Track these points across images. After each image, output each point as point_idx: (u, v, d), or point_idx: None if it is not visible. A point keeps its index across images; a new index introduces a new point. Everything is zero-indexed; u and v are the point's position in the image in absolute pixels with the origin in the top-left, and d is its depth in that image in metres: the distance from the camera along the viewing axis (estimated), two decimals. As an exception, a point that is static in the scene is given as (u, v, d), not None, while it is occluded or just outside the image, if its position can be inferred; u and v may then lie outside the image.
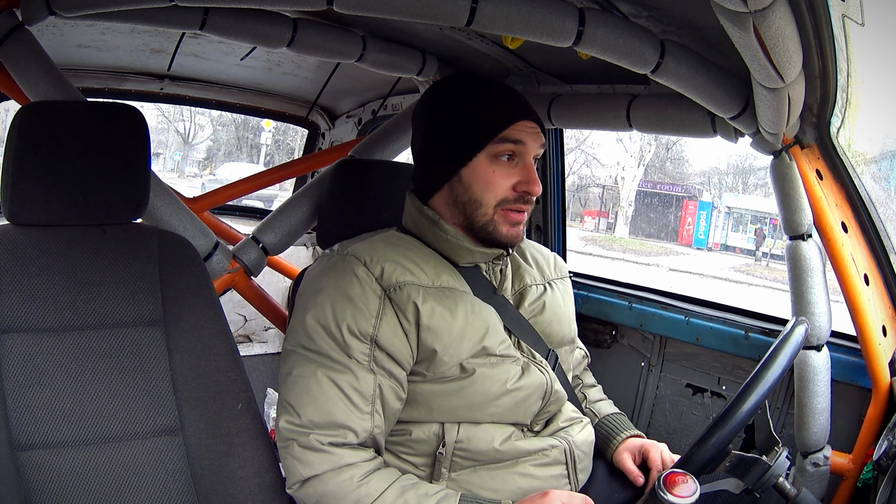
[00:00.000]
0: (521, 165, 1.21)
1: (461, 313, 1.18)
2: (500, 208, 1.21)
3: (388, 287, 1.16)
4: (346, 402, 1.11)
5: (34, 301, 1.19)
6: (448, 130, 1.23)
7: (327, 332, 1.13)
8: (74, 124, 1.25)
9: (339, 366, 1.12)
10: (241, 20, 1.55)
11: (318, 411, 1.10)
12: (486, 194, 1.20)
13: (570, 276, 1.49)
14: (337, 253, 1.23)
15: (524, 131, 1.20)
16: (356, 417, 1.11)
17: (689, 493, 0.92)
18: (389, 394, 1.14)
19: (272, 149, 23.16)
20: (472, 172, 1.20)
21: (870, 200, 1.45)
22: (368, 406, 1.12)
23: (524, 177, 1.20)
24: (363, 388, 1.12)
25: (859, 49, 1.15)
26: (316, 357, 1.13)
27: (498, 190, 1.20)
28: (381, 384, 1.13)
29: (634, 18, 1.29)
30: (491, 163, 1.20)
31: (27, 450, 1.13)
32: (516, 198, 1.21)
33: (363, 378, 1.12)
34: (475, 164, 1.20)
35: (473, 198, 1.21)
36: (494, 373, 1.19)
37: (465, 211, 1.22)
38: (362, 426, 1.11)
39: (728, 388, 1.82)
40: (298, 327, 1.16)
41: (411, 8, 1.12)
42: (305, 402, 1.11)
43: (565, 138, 2.23)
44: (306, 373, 1.13)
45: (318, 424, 1.10)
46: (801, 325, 1.15)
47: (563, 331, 1.36)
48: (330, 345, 1.13)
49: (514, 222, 1.22)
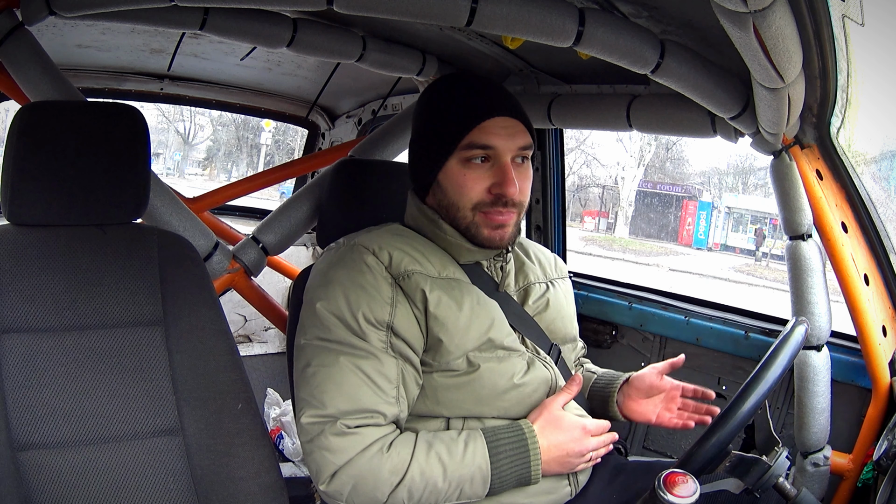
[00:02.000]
0: (497, 167, 1.18)
1: (467, 304, 1.18)
2: (479, 211, 1.19)
3: (398, 275, 1.16)
4: (373, 387, 1.09)
5: (34, 301, 1.19)
6: (427, 134, 1.24)
7: (343, 322, 1.12)
8: (74, 124, 1.25)
9: (361, 352, 1.11)
10: (241, 20, 1.55)
11: (345, 398, 1.08)
12: (461, 198, 1.19)
13: (570, 277, 1.50)
14: (344, 244, 1.22)
15: (493, 132, 1.17)
16: (383, 401, 1.10)
17: (688, 494, 0.92)
18: (410, 379, 1.14)
19: (272, 149, 23.15)
20: (446, 177, 1.20)
21: (870, 200, 1.45)
22: (394, 391, 1.11)
23: (499, 178, 1.17)
24: (388, 373, 1.11)
25: (859, 49, 1.15)
26: (336, 346, 1.11)
27: (471, 193, 1.18)
28: (404, 369, 1.13)
29: (634, 18, 1.29)
30: (463, 166, 1.18)
31: (27, 450, 1.13)
32: (493, 200, 1.18)
33: (387, 362, 1.11)
34: (447, 169, 1.19)
35: (451, 201, 1.21)
36: (501, 367, 1.19)
37: (448, 214, 1.22)
38: (390, 410, 1.10)
39: (728, 388, 1.82)
40: (312, 320, 1.15)
41: (411, 8, 1.12)
42: (330, 391, 1.08)
43: (565, 138, 2.23)
44: (327, 362, 1.10)
45: (346, 412, 1.07)
46: (801, 326, 1.15)
47: (565, 328, 1.36)
48: (347, 333, 1.11)
49: (496, 225, 1.20)
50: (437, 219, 1.24)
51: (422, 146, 1.25)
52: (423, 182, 1.25)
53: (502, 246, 1.24)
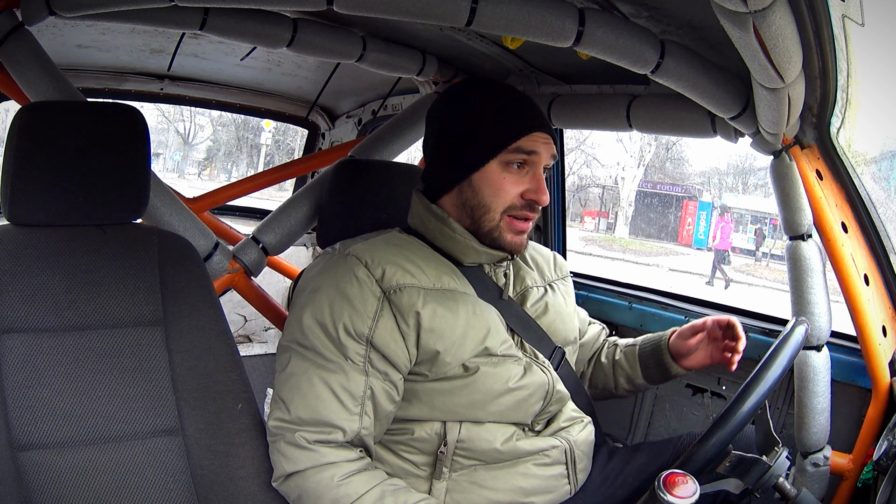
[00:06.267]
0: (532, 175, 1.22)
1: (463, 314, 1.19)
2: (507, 215, 1.22)
3: (389, 289, 1.16)
4: (336, 402, 1.12)
5: (34, 301, 1.19)
6: (463, 134, 1.24)
7: (323, 331, 1.14)
8: (74, 124, 1.24)
9: (331, 364, 1.13)
10: (241, 20, 1.54)
11: (307, 409, 1.11)
12: (495, 200, 1.22)
13: (570, 275, 1.50)
14: (338, 252, 1.23)
15: (538, 142, 1.22)
16: (344, 417, 1.12)
17: (689, 494, 0.92)
18: (382, 396, 1.14)
19: (272, 149, 23.17)
20: (483, 177, 1.22)
21: (870, 200, 1.45)
22: (357, 407, 1.12)
23: (533, 185, 1.22)
24: (353, 389, 1.12)
25: (859, 49, 1.15)
26: (309, 355, 1.14)
27: (507, 196, 1.21)
28: (374, 386, 1.14)
29: (634, 18, 1.29)
30: (502, 170, 1.21)
31: (27, 450, 1.13)
32: (523, 205, 1.22)
33: (354, 379, 1.13)
34: (487, 170, 1.21)
35: (482, 202, 1.22)
36: (496, 371, 1.19)
37: (473, 214, 1.23)
38: (350, 426, 1.12)
39: (728, 389, 1.82)
40: (295, 324, 1.17)
41: (411, 8, 1.12)
42: (295, 399, 1.12)
43: (565, 138, 2.23)
44: (299, 370, 1.14)
45: (306, 422, 1.11)
46: (801, 326, 1.15)
47: (566, 329, 1.37)
48: (324, 343, 1.13)
49: (519, 231, 1.24)
50: (446, 217, 1.24)
51: (457, 146, 1.24)
52: (448, 181, 1.25)
53: (519, 252, 1.27)
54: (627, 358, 1.50)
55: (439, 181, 1.27)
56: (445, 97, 1.31)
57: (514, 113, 1.24)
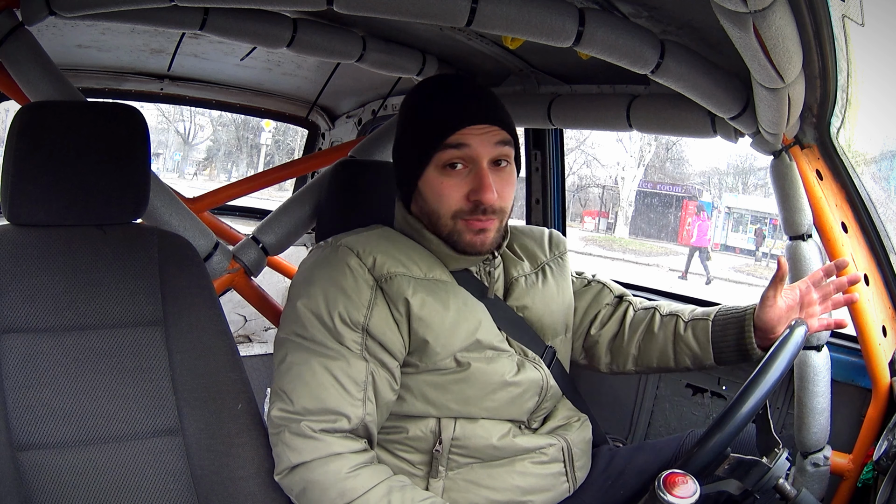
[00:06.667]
0: (474, 173, 1.16)
1: (453, 305, 1.18)
2: (459, 219, 1.18)
3: (380, 277, 1.16)
4: (339, 389, 1.11)
5: (34, 301, 1.19)
6: (402, 143, 1.23)
7: (320, 321, 1.13)
8: (74, 124, 1.24)
9: (332, 352, 1.12)
10: (241, 20, 1.55)
11: (311, 398, 1.10)
12: (440, 206, 1.18)
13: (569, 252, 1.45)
14: (330, 244, 1.22)
15: (471, 134, 1.15)
16: (348, 403, 1.11)
17: (689, 494, 0.92)
18: (382, 383, 1.14)
19: (272, 149, 23.17)
20: (426, 184, 1.19)
21: (870, 200, 1.45)
22: (361, 393, 1.12)
23: (475, 185, 1.15)
24: (355, 375, 1.12)
25: (859, 49, 1.15)
26: (309, 344, 1.13)
27: (450, 202, 1.17)
28: (374, 372, 1.13)
29: (634, 18, 1.29)
30: (440, 174, 1.16)
31: (27, 450, 1.13)
32: (472, 208, 1.16)
33: (355, 365, 1.12)
34: (427, 177, 1.18)
35: (431, 209, 1.19)
36: (490, 367, 1.19)
37: (430, 222, 1.21)
38: (354, 412, 1.11)
39: (728, 389, 1.82)
40: (292, 316, 1.17)
41: (411, 8, 1.12)
42: (298, 389, 1.11)
43: (565, 138, 2.23)
44: (299, 360, 1.13)
45: (311, 411, 1.10)
46: (801, 326, 1.15)
47: (555, 321, 1.33)
48: (322, 333, 1.13)
49: (479, 229, 1.18)
50: (420, 228, 1.23)
51: (402, 154, 1.24)
52: (406, 190, 1.24)
53: (484, 251, 1.21)
54: (697, 337, 1.35)
55: (401, 191, 1.26)
56: (402, 104, 1.28)
57: (439, 111, 1.18)
